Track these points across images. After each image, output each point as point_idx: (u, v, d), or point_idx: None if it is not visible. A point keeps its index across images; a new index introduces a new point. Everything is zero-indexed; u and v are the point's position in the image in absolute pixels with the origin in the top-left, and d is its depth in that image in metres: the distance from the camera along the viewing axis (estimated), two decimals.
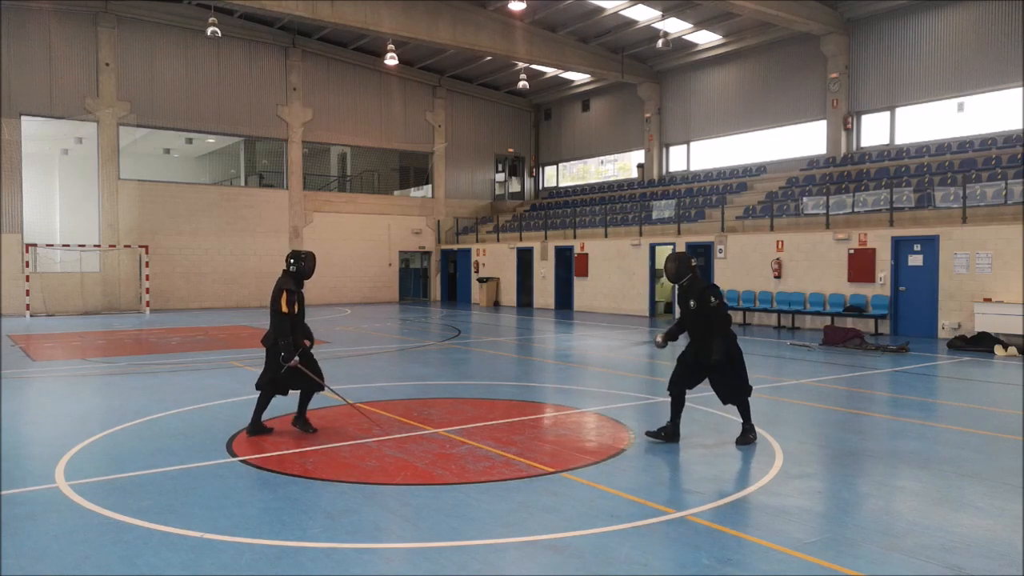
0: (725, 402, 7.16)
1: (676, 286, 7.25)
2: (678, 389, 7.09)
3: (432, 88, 32.16)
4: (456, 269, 32.07)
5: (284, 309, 7.06)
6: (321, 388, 7.48)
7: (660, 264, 23.58)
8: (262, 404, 7.34)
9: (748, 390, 7.11)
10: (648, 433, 7.19)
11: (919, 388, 10.73)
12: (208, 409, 8.65)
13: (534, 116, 35.43)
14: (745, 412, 7.12)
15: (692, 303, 6.91)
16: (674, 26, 25.14)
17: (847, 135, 23.25)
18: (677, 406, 7.10)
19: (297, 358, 7.13)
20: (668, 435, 7.06)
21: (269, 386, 7.31)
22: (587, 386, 10.53)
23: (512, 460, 6.45)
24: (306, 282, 7.55)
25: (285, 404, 8.80)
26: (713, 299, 6.86)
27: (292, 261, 7.27)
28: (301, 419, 7.50)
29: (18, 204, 23.91)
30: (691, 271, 7.04)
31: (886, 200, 18.42)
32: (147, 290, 24.74)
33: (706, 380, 7.15)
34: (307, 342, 7.41)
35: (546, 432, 7.72)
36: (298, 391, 7.46)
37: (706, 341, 6.92)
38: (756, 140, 26.32)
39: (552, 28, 26.63)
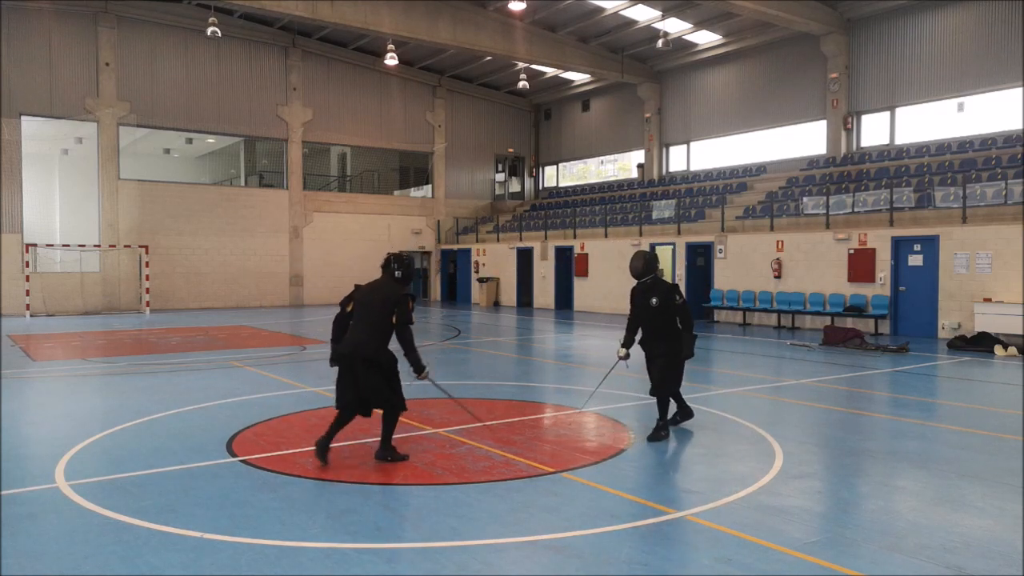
0: (651, 393, 7.37)
1: (636, 284, 7.46)
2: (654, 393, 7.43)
3: (432, 88, 32.16)
4: (456, 269, 32.06)
5: (414, 320, 6.40)
6: (404, 408, 6.47)
7: (660, 264, 23.52)
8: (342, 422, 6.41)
9: (672, 387, 7.32)
10: (649, 439, 7.21)
11: (919, 388, 10.73)
12: (208, 409, 8.65)
13: (534, 116, 35.43)
14: (664, 409, 7.32)
15: (655, 300, 7.18)
16: (674, 26, 25.13)
17: (847, 135, 23.25)
18: (662, 404, 7.41)
19: (432, 374, 6.58)
20: (684, 416, 7.52)
21: (354, 404, 6.36)
22: (587, 386, 10.52)
23: (512, 460, 6.44)
24: (306, 282, 7.49)
25: (287, 405, 8.79)
26: (679, 297, 7.23)
27: (397, 266, 6.40)
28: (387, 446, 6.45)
29: (18, 204, 23.91)
30: (655, 270, 7.36)
31: (886, 200, 18.42)
32: (147, 290, 24.74)
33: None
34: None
35: (546, 432, 7.72)
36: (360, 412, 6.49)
37: (660, 337, 7.24)
38: (756, 140, 26.32)
39: (552, 28, 26.63)
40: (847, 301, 17.95)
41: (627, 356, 7.46)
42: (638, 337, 7.51)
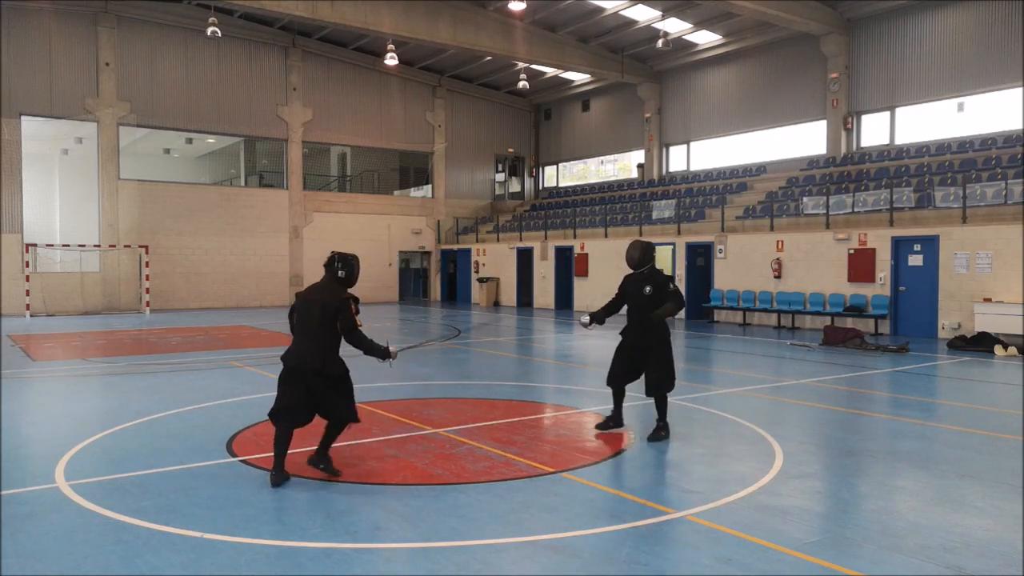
0: (649, 394, 7.32)
1: (631, 273, 7.44)
2: (619, 385, 7.41)
3: (432, 88, 32.16)
4: (456, 269, 32.06)
5: (360, 323, 5.92)
6: (355, 419, 6.11)
7: (660, 264, 23.52)
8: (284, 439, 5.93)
9: (671, 384, 7.29)
10: (598, 426, 7.48)
11: (919, 388, 10.73)
12: (208, 409, 8.65)
13: (534, 116, 35.43)
14: (663, 408, 7.29)
15: (648, 289, 7.16)
16: (674, 26, 25.13)
17: (847, 135, 23.25)
18: (619, 398, 7.45)
19: (397, 347, 6.18)
20: (615, 422, 7.43)
21: (286, 415, 5.91)
22: (587, 386, 10.53)
23: (512, 460, 6.44)
24: (306, 282, 7.46)
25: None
26: (672, 284, 7.29)
27: (340, 265, 5.94)
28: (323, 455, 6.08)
29: (18, 204, 23.91)
30: (652, 260, 7.37)
31: (886, 200, 18.41)
32: (147, 290, 24.74)
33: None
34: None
35: (546, 432, 7.72)
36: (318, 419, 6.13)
37: (649, 326, 7.15)
38: (756, 140, 26.32)
39: (552, 28, 26.63)
40: (847, 301, 17.95)
41: (588, 325, 7.52)
42: (612, 323, 7.60)
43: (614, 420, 7.43)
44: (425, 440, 7.13)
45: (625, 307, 7.51)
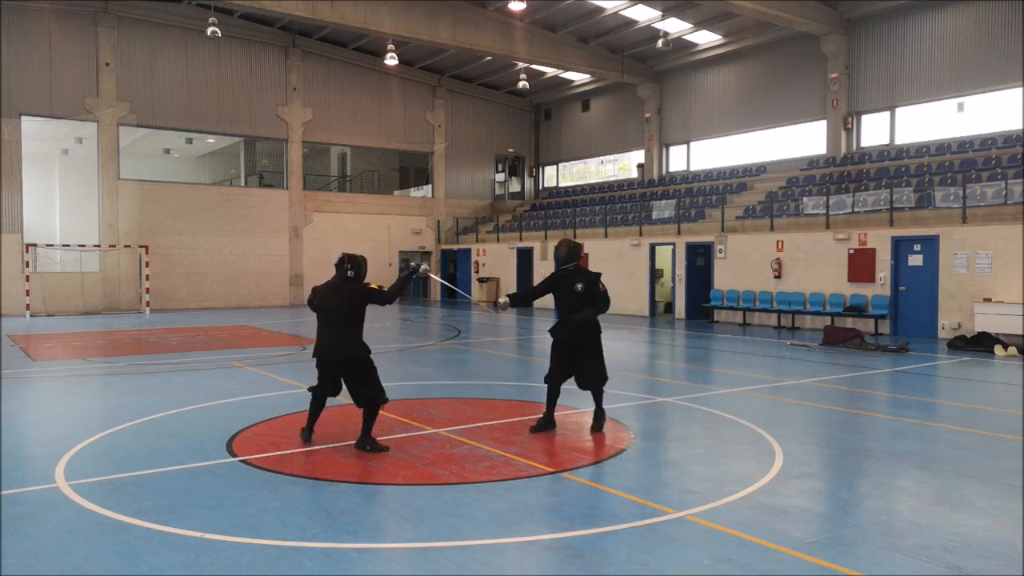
0: (583, 387, 7.51)
1: (560, 269, 7.60)
2: (557, 383, 7.50)
3: (432, 88, 32.16)
4: (456, 269, 32.07)
5: (383, 287, 6.89)
6: (385, 399, 6.80)
7: (660, 264, 23.61)
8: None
9: (605, 378, 7.52)
10: (532, 429, 7.47)
11: (919, 388, 10.73)
12: (208, 409, 8.65)
13: (534, 116, 35.43)
14: (599, 398, 7.53)
15: (580, 286, 7.38)
16: (674, 26, 25.13)
17: (847, 135, 23.25)
18: (553, 397, 7.51)
19: (426, 266, 7.42)
20: (546, 424, 7.50)
21: (317, 390, 6.93)
22: None
23: (512, 460, 6.44)
24: (306, 282, 7.56)
25: (287, 405, 8.79)
26: (602, 285, 7.50)
27: (349, 266, 6.74)
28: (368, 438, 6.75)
29: (18, 204, 23.91)
30: (578, 258, 7.57)
31: (886, 200, 18.41)
32: (147, 290, 24.74)
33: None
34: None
35: (546, 432, 7.71)
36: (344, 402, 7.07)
37: (582, 322, 7.35)
38: (756, 140, 26.32)
39: (552, 28, 26.63)
40: (847, 301, 17.95)
41: (505, 307, 7.58)
42: (540, 313, 7.66)
43: (547, 421, 7.51)
44: (425, 440, 7.13)
45: (555, 301, 7.71)
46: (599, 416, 7.54)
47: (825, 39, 23.04)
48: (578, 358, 7.42)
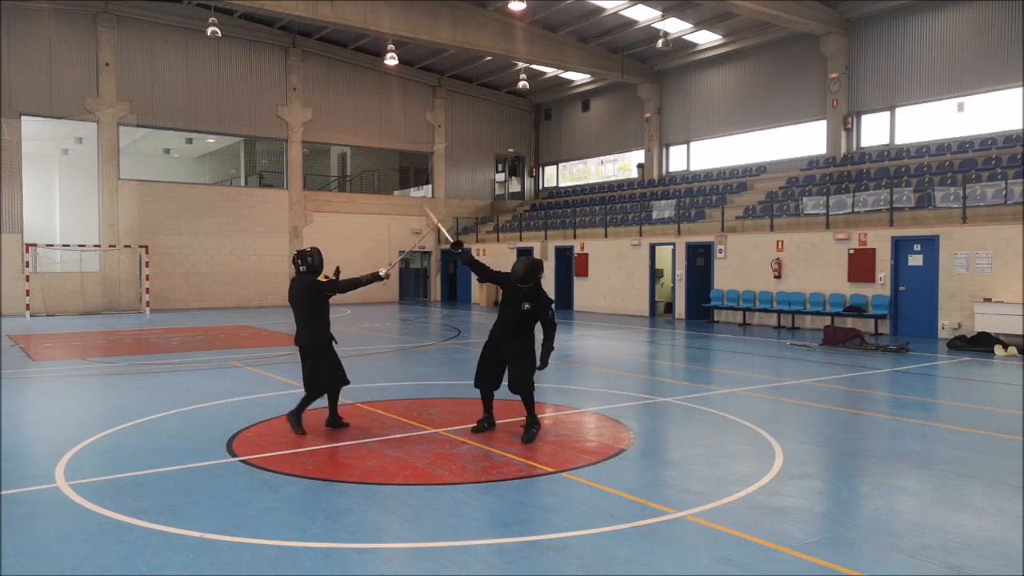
0: (512, 390, 7.34)
1: (512, 286, 7.43)
2: (487, 388, 7.48)
3: (432, 88, 32.16)
4: (456, 269, 32.07)
5: (324, 278, 7.46)
6: (346, 382, 7.66)
7: (660, 264, 23.61)
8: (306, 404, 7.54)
9: (531, 386, 7.32)
10: (473, 430, 7.45)
11: (919, 388, 10.73)
12: (208, 409, 8.65)
13: (534, 116, 35.43)
14: (530, 406, 7.33)
15: (527, 306, 7.30)
16: (674, 26, 25.14)
17: (847, 135, 23.25)
18: (488, 399, 7.51)
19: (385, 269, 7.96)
20: (488, 425, 7.53)
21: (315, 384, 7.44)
22: (587, 386, 10.53)
23: (512, 460, 6.45)
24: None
25: (287, 405, 8.79)
26: (551, 312, 7.43)
27: (300, 262, 7.45)
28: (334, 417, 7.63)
29: (18, 204, 23.91)
30: (536, 278, 7.39)
31: (886, 200, 18.41)
32: (147, 290, 24.74)
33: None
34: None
35: (546, 432, 7.71)
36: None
37: (518, 335, 7.33)
38: (756, 140, 26.32)
39: (552, 28, 26.63)
40: (847, 301, 17.95)
41: (460, 251, 7.85)
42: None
43: (487, 422, 7.51)
44: (425, 440, 7.14)
45: (501, 300, 7.65)
46: (528, 425, 7.29)
47: (825, 39, 23.04)
48: (503, 368, 7.43)
